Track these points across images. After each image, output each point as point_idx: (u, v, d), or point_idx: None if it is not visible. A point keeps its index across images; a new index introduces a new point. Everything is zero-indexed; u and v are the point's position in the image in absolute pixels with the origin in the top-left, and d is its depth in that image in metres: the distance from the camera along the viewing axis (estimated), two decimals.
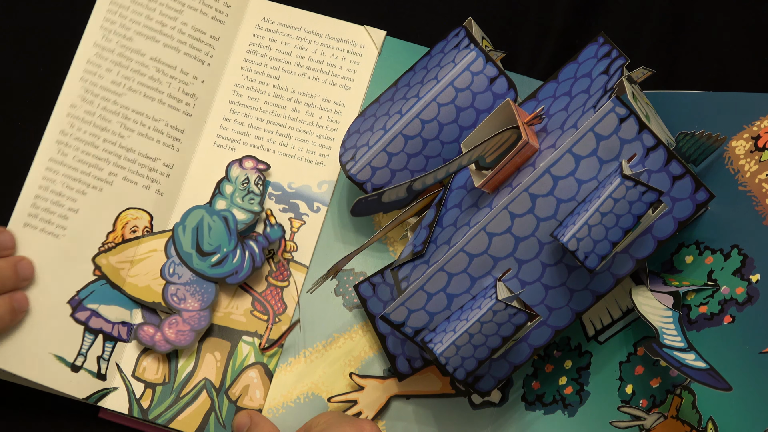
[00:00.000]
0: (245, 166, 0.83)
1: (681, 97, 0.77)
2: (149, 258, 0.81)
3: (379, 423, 0.80)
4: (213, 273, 0.80)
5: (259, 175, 0.82)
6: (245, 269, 0.81)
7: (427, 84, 0.79)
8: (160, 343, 0.80)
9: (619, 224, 0.68)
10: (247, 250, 0.81)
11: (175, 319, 0.80)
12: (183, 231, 0.81)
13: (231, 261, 0.81)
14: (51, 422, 0.81)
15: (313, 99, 0.86)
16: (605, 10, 0.88)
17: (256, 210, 0.82)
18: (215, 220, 0.81)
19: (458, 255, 0.72)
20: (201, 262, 0.81)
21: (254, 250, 0.81)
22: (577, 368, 0.77)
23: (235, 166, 0.83)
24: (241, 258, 0.81)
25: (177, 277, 0.81)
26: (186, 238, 0.81)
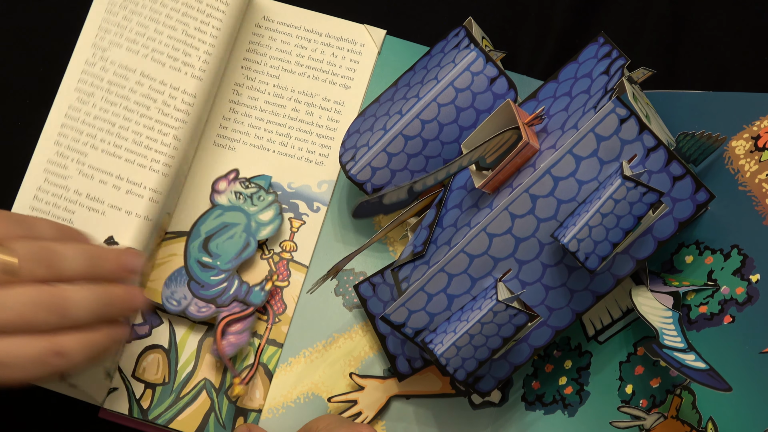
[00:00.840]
0: (221, 189, 0.83)
1: (681, 97, 0.77)
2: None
3: (379, 423, 0.80)
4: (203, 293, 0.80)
5: (239, 182, 0.82)
6: (227, 296, 0.81)
7: (427, 84, 0.79)
8: (229, 348, 0.80)
9: (619, 225, 0.68)
10: (232, 284, 0.81)
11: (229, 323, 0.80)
12: (214, 216, 0.81)
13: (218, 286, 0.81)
14: (51, 422, 0.81)
15: (312, 98, 0.86)
16: (605, 10, 0.88)
17: (270, 199, 0.82)
18: (240, 237, 0.81)
19: (459, 256, 0.72)
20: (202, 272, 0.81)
21: (231, 289, 0.80)
22: (577, 368, 0.77)
23: (221, 197, 0.82)
24: (228, 290, 0.81)
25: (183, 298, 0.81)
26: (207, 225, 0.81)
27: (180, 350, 0.81)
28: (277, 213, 0.82)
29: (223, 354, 0.79)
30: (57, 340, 0.66)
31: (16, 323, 0.64)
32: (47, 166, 0.79)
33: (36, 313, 0.65)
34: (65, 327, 0.66)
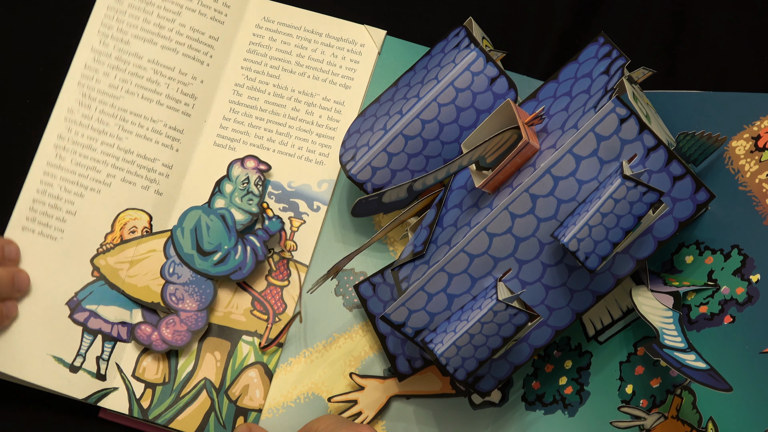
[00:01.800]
0: (247, 165, 0.82)
1: (681, 97, 0.77)
2: (148, 258, 0.81)
3: (379, 423, 0.80)
4: (216, 271, 0.80)
5: (259, 175, 0.82)
6: (249, 264, 0.81)
7: (428, 84, 0.79)
8: (157, 342, 0.80)
9: (619, 225, 0.68)
10: (249, 245, 0.81)
11: (172, 319, 0.80)
12: (182, 233, 0.81)
13: (233, 258, 0.81)
14: (51, 422, 0.81)
15: (313, 98, 0.86)
16: (605, 10, 0.88)
17: (254, 211, 0.81)
18: (213, 219, 0.81)
19: (459, 255, 0.72)
20: (203, 261, 0.81)
21: (255, 245, 0.81)
22: (577, 368, 0.77)
23: (236, 166, 0.83)
24: (243, 254, 0.81)
25: (177, 276, 0.81)
26: (185, 239, 0.81)
27: (180, 350, 0.81)
28: (248, 220, 0.82)
29: (152, 346, 0.80)
30: None
31: None
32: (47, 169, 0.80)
33: None
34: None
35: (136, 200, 0.82)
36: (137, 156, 0.83)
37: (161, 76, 0.84)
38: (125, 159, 0.83)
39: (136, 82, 0.84)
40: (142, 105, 0.83)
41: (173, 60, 0.84)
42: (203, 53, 0.85)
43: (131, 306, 0.81)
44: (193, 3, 0.85)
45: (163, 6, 0.85)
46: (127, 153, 0.83)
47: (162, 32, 0.84)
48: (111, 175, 0.82)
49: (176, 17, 0.85)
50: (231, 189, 0.82)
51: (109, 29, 0.84)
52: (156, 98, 0.84)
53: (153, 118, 0.83)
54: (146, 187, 0.83)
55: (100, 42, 0.83)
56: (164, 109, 0.84)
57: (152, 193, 0.83)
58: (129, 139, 0.83)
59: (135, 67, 0.84)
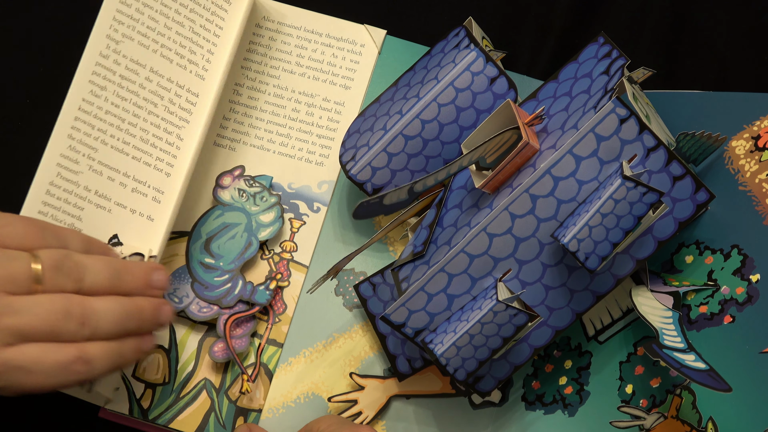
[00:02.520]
0: (225, 184, 0.82)
1: (681, 97, 0.77)
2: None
3: (379, 423, 0.80)
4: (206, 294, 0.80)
5: (244, 179, 0.82)
6: (229, 299, 0.81)
7: (428, 84, 0.79)
8: (225, 353, 0.80)
9: (619, 225, 0.68)
10: (236, 284, 0.81)
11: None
12: (214, 216, 0.81)
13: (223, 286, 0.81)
14: (51, 422, 0.81)
15: (313, 99, 0.86)
16: (605, 10, 0.88)
17: (273, 201, 0.82)
18: (241, 237, 0.81)
19: (459, 255, 0.72)
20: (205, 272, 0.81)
21: (236, 289, 0.80)
22: (577, 368, 0.77)
23: (223, 192, 0.82)
24: (232, 290, 0.80)
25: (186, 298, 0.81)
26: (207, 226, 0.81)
27: (180, 350, 0.81)
28: (279, 215, 0.82)
29: (233, 351, 0.79)
30: (82, 348, 0.66)
31: (41, 330, 0.65)
32: (60, 161, 0.78)
33: (61, 321, 0.65)
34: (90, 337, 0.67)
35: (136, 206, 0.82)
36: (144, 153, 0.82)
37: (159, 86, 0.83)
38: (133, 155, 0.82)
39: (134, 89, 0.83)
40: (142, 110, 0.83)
41: (168, 67, 0.84)
42: (202, 54, 0.85)
43: None
44: (189, 5, 0.85)
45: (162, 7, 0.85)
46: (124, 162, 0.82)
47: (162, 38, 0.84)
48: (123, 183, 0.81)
49: (176, 17, 0.85)
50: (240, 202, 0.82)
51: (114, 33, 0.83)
52: (151, 107, 0.83)
53: (152, 122, 0.83)
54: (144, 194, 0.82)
55: (101, 57, 0.82)
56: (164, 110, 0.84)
57: (150, 200, 0.82)
58: (128, 148, 0.82)
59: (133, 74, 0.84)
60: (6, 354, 0.64)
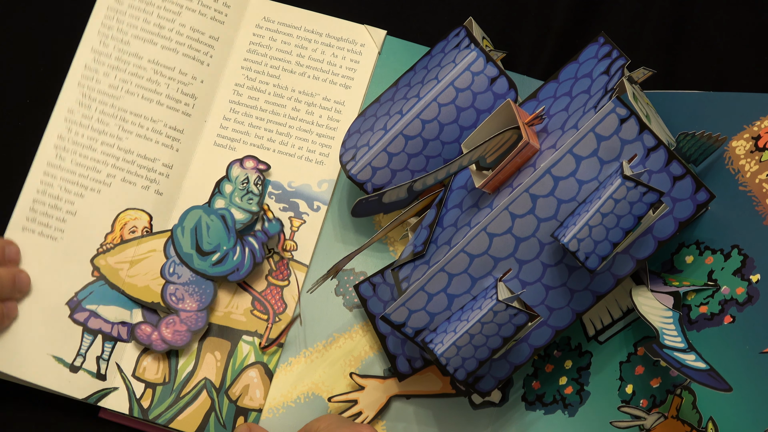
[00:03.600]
0: (246, 165, 0.83)
1: (681, 97, 0.77)
2: (148, 258, 0.81)
3: (379, 423, 0.80)
4: (215, 272, 0.80)
5: (258, 175, 0.82)
6: (246, 266, 0.81)
7: (428, 84, 0.79)
8: (157, 342, 0.80)
9: (619, 225, 0.68)
10: (247, 247, 0.81)
11: (172, 318, 0.80)
12: (182, 232, 0.81)
13: (231, 258, 0.81)
14: (51, 422, 0.81)
15: (313, 98, 0.86)
16: (605, 10, 0.88)
17: (254, 210, 0.82)
18: (213, 219, 0.81)
19: (459, 255, 0.72)
20: (202, 261, 0.81)
21: (254, 246, 0.81)
22: (577, 368, 0.77)
23: (235, 166, 0.83)
24: (242, 255, 0.81)
25: (177, 276, 0.81)
26: (185, 239, 0.81)
27: (180, 350, 0.81)
28: (249, 219, 0.82)
29: (152, 346, 0.80)
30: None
31: None
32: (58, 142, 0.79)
33: None
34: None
35: (136, 200, 0.82)
36: (137, 156, 0.83)
37: (161, 76, 0.84)
38: (125, 159, 0.83)
39: (136, 82, 0.84)
40: (142, 105, 0.83)
41: (173, 60, 0.84)
42: (203, 53, 0.85)
43: (131, 306, 0.81)
44: (193, 3, 0.85)
45: (163, 6, 0.85)
46: (127, 153, 0.83)
47: (162, 32, 0.84)
48: (111, 175, 0.82)
49: (176, 17, 0.85)
50: (231, 189, 0.82)
51: (109, 29, 0.84)
52: (156, 98, 0.84)
53: (153, 118, 0.83)
54: (146, 187, 0.83)
55: (101, 42, 0.83)
56: (164, 109, 0.84)
57: (152, 193, 0.83)
58: (129, 139, 0.83)
59: (135, 67, 0.84)
60: None
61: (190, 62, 0.85)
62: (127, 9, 0.84)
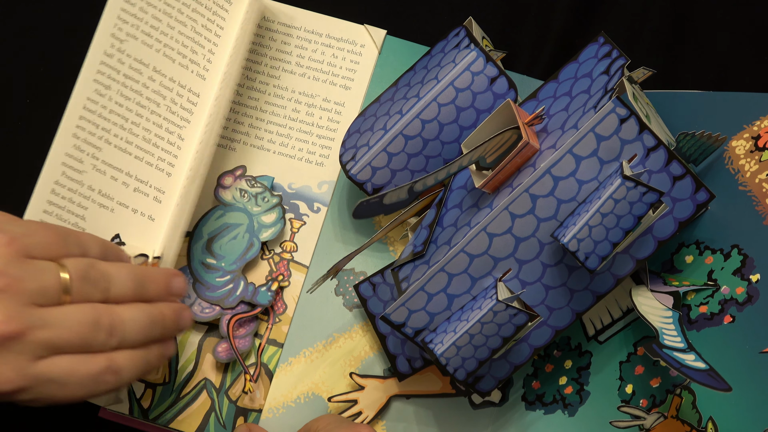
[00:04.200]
0: (227, 183, 0.83)
1: (681, 97, 0.77)
2: None
3: (379, 423, 0.80)
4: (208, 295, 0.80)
5: (245, 180, 0.82)
6: (231, 299, 0.81)
7: (428, 84, 0.79)
8: (229, 353, 0.80)
9: (619, 225, 0.68)
10: (238, 285, 0.81)
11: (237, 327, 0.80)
12: (216, 216, 0.81)
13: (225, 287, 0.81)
14: (51, 422, 0.81)
15: (313, 99, 0.86)
16: (605, 10, 0.88)
17: (275, 201, 0.82)
18: (243, 238, 0.81)
19: (459, 255, 0.72)
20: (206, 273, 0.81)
21: (237, 290, 0.80)
22: (577, 368, 0.77)
23: (225, 192, 0.82)
24: (234, 291, 0.81)
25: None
26: (208, 226, 0.81)
27: (180, 350, 0.81)
28: (280, 216, 0.82)
29: (236, 352, 0.79)
30: (112, 358, 0.67)
31: (72, 342, 0.65)
32: (65, 160, 0.78)
33: (91, 332, 0.65)
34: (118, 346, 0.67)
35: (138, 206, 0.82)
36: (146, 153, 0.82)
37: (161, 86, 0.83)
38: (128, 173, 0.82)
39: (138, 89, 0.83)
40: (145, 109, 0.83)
41: (170, 66, 0.84)
42: (202, 55, 0.85)
43: None
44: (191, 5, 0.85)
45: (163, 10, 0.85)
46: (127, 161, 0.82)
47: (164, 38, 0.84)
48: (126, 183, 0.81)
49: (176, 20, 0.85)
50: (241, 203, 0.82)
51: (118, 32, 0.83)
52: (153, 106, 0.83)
53: (154, 122, 0.83)
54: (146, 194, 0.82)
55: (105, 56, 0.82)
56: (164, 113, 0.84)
57: (151, 200, 0.82)
58: (131, 147, 0.82)
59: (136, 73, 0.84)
60: (38, 367, 0.64)
61: (189, 63, 0.85)
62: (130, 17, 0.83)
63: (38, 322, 0.64)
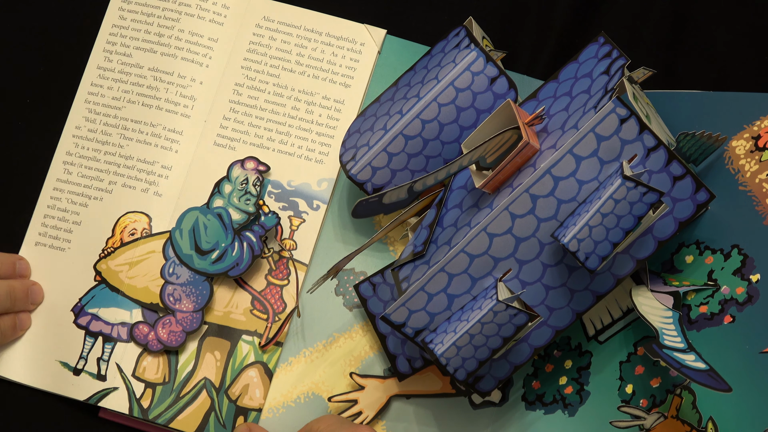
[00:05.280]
0: (246, 167, 0.83)
1: (681, 97, 0.77)
2: (148, 259, 0.82)
3: (379, 423, 0.80)
4: (215, 269, 0.81)
5: (258, 176, 0.82)
6: (245, 260, 0.81)
7: (428, 84, 0.79)
8: (153, 342, 0.80)
9: (619, 225, 0.68)
10: (245, 241, 0.81)
11: (168, 319, 0.80)
12: (180, 234, 0.81)
13: (230, 254, 0.81)
14: (51, 422, 0.81)
15: (312, 97, 0.86)
16: (605, 10, 0.88)
17: (250, 211, 0.82)
18: (210, 219, 0.81)
19: (459, 255, 0.72)
20: (202, 260, 0.81)
21: (251, 240, 0.81)
22: (577, 368, 0.77)
23: (236, 167, 0.83)
24: (240, 250, 0.81)
25: (176, 277, 0.81)
26: (184, 240, 0.81)
27: (180, 350, 0.81)
28: (253, 211, 0.82)
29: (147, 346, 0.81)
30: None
31: None
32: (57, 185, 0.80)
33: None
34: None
35: (136, 203, 0.83)
36: (137, 161, 0.83)
37: (160, 82, 0.84)
38: (126, 165, 0.83)
39: (137, 90, 0.84)
40: (143, 111, 0.83)
41: (173, 64, 0.84)
42: (203, 54, 0.85)
43: (131, 306, 0.81)
44: (194, 4, 0.85)
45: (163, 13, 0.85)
46: (128, 159, 0.83)
47: (162, 39, 0.85)
48: (112, 182, 0.83)
49: (175, 24, 0.85)
50: (230, 189, 0.82)
51: (113, 45, 0.84)
52: (155, 103, 0.84)
53: (152, 123, 0.84)
54: (145, 189, 0.83)
55: (105, 59, 0.84)
56: (163, 113, 0.84)
57: (151, 195, 0.83)
58: (129, 146, 0.83)
59: (136, 77, 0.84)
60: None
61: (189, 64, 0.85)
62: (130, 23, 0.84)
63: None
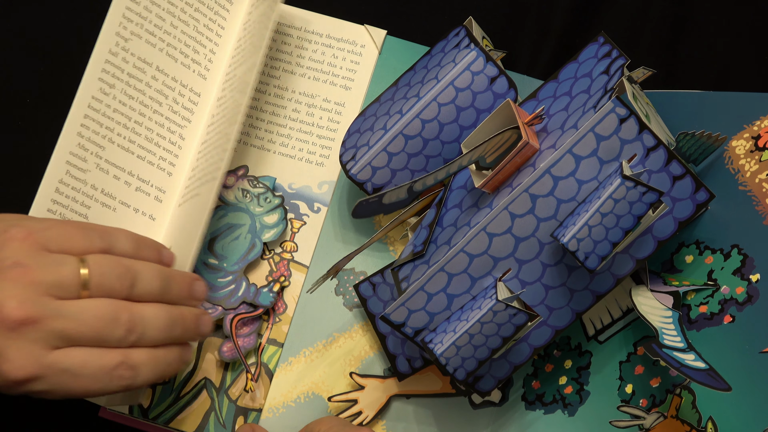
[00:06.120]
0: (228, 183, 0.83)
1: (681, 97, 0.77)
2: None
3: (379, 423, 0.80)
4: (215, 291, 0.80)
5: (247, 180, 0.83)
6: (233, 300, 0.81)
7: (428, 84, 0.79)
8: (233, 352, 0.80)
9: (619, 225, 0.68)
10: (240, 285, 0.81)
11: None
12: (218, 216, 0.81)
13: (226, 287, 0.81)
14: (51, 422, 0.81)
15: (313, 99, 0.86)
16: (605, 10, 0.88)
17: (277, 202, 0.82)
18: (247, 238, 0.81)
19: (458, 255, 0.72)
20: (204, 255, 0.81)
21: (239, 291, 0.80)
22: (577, 368, 0.77)
23: (228, 193, 0.82)
24: (236, 290, 0.80)
25: None
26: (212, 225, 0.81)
27: None
28: (282, 217, 0.82)
29: (240, 351, 0.79)
30: (128, 354, 0.67)
31: (87, 336, 0.65)
32: (69, 158, 0.78)
33: (108, 327, 0.66)
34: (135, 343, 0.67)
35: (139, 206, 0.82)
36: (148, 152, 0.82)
37: (164, 85, 0.83)
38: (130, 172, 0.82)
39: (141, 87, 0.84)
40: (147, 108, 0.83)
41: (173, 66, 0.84)
42: (203, 55, 0.85)
43: None
44: (194, 5, 0.85)
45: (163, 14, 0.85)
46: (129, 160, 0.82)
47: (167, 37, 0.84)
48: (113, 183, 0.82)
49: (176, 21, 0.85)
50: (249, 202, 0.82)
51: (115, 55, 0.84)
52: (156, 105, 0.83)
53: (156, 121, 0.83)
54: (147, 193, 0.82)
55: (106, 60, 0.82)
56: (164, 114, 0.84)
57: (152, 200, 0.82)
58: (133, 146, 0.82)
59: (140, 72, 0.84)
60: (52, 356, 0.64)
61: (189, 64, 0.85)
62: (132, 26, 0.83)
63: (53, 312, 0.64)
